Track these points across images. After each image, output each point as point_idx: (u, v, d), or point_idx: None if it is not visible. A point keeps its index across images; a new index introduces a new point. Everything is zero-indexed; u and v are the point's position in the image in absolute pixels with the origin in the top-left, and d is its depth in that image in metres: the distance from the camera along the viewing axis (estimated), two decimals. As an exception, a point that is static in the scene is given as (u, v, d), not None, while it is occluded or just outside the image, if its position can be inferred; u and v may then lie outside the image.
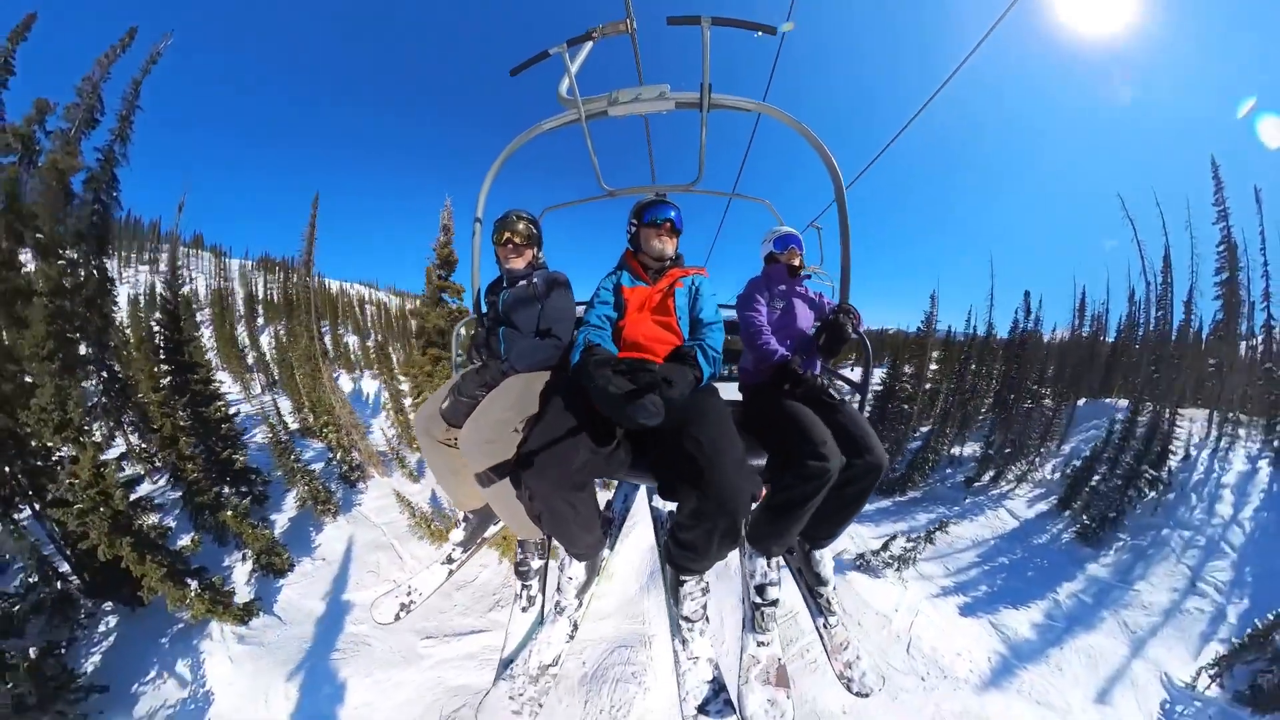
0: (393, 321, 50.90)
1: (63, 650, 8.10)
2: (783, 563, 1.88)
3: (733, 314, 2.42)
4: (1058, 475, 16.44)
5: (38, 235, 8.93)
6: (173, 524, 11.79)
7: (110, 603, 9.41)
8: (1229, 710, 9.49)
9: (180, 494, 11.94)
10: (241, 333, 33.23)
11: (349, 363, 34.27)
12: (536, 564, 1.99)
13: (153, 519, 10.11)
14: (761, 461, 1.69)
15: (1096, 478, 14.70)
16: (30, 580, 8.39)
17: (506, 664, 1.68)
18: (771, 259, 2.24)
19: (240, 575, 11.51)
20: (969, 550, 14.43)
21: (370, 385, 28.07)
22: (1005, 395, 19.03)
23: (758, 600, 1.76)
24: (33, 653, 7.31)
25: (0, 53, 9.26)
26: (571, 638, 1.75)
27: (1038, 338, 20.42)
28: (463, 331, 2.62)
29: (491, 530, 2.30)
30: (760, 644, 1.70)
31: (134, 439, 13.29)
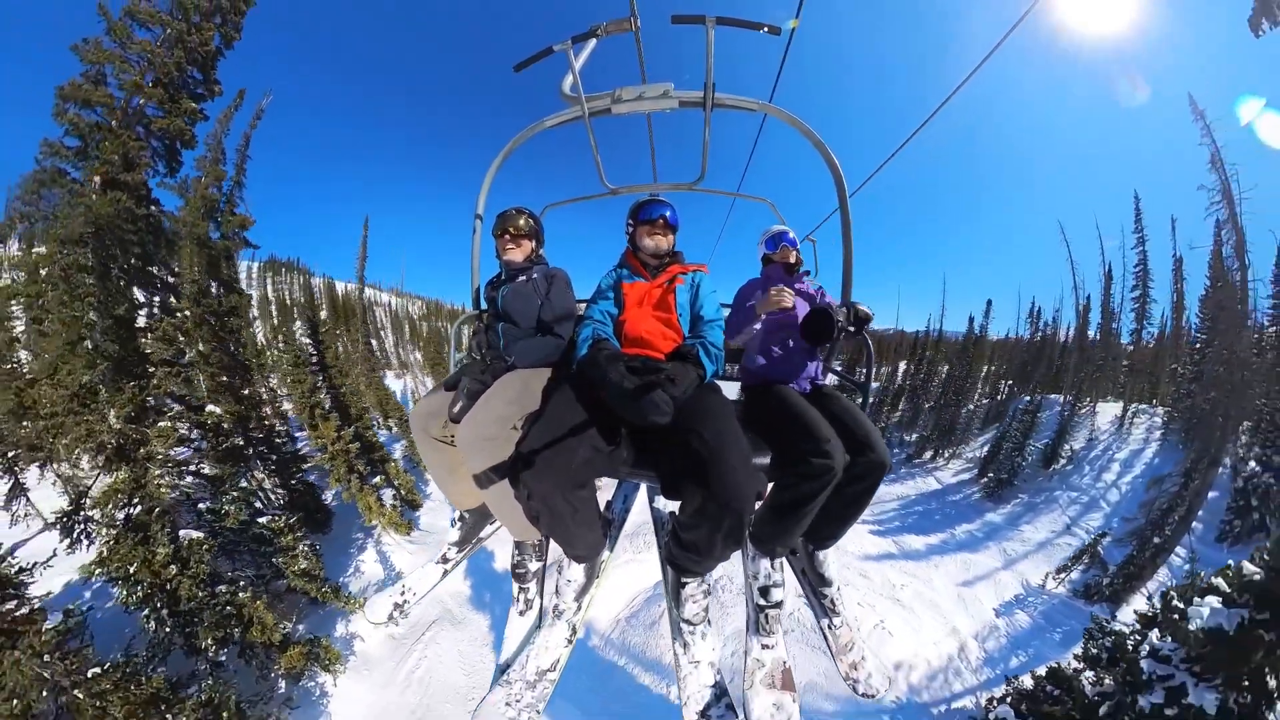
0: (401, 323, 50.58)
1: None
2: (786, 564, 1.86)
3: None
4: (983, 453, 20.84)
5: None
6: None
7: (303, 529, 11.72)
8: (1068, 601, 12.89)
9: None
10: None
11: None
12: (534, 566, 1.94)
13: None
14: (765, 460, 1.67)
15: (1002, 454, 18.95)
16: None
17: (503, 669, 1.63)
18: (767, 259, 2.24)
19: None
20: (893, 502, 18.75)
21: (395, 384, 29.59)
22: (948, 389, 23.71)
23: (761, 602, 1.73)
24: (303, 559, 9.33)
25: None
26: (570, 642, 1.70)
27: (985, 340, 25.22)
28: (464, 329, 2.59)
29: (487, 530, 2.25)
30: (765, 646, 1.67)
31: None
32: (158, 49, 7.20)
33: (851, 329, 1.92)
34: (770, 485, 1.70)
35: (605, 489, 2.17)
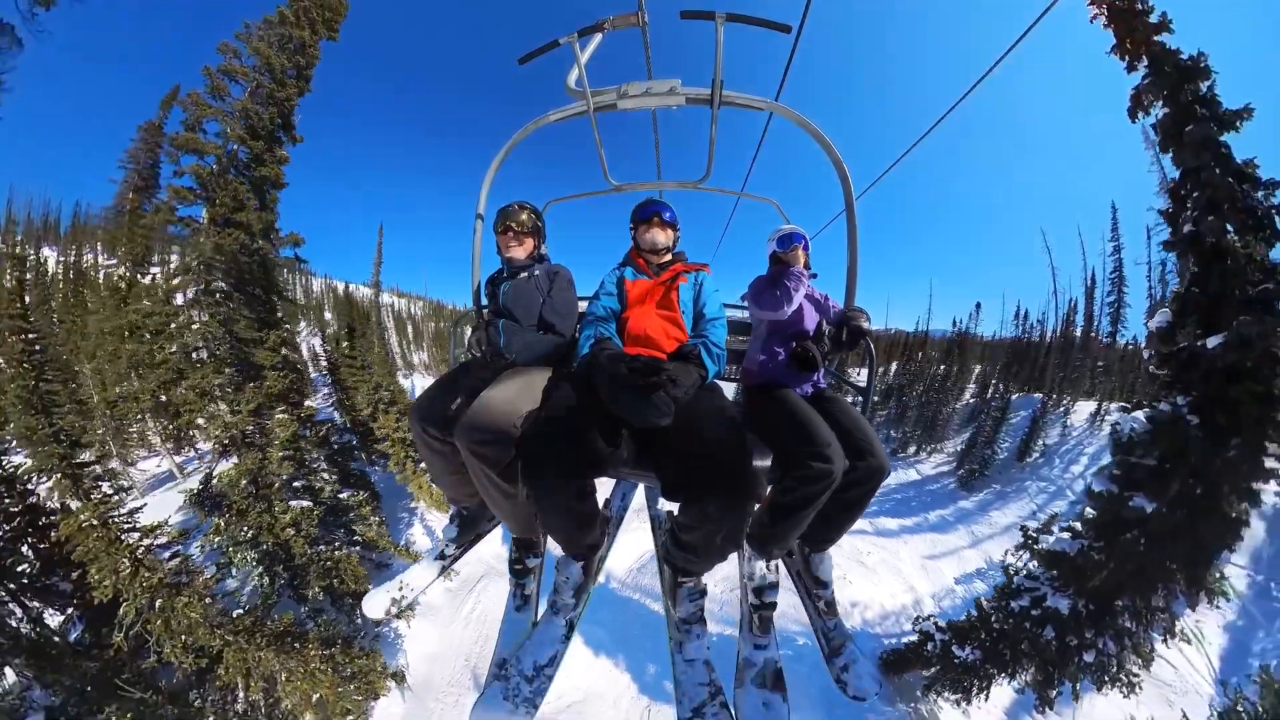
0: (404, 323, 50.50)
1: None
2: (781, 565, 1.87)
3: (735, 313, 2.40)
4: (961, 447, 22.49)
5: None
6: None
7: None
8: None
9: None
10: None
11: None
12: (532, 563, 1.96)
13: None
14: (765, 463, 1.68)
15: (976, 448, 20.42)
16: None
17: (501, 664, 1.65)
18: (775, 258, 2.22)
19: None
20: (872, 490, 20.29)
21: (403, 383, 30.55)
22: (929, 388, 25.52)
23: (756, 603, 1.75)
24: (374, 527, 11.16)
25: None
26: (568, 639, 1.72)
27: (969, 341, 27.08)
28: (467, 330, 2.58)
29: (486, 527, 2.26)
30: (758, 647, 1.69)
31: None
32: (253, 105, 8.34)
33: (844, 342, 1.96)
34: (769, 488, 1.71)
35: (603, 487, 2.18)
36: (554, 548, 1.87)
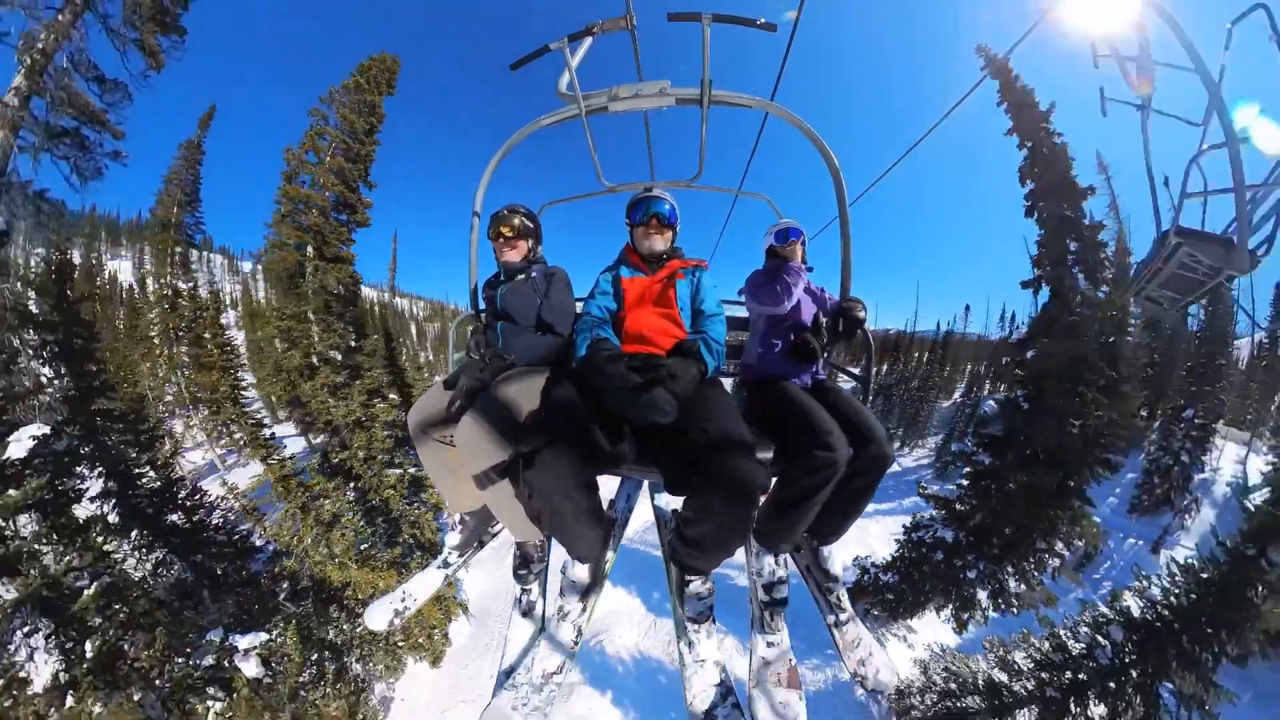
0: (407, 323, 50.41)
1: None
2: (790, 560, 1.85)
3: (733, 309, 2.40)
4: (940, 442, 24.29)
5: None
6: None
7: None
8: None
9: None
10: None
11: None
12: (536, 568, 1.92)
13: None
14: (768, 455, 1.66)
15: (952, 441, 22.67)
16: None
17: (508, 673, 1.60)
18: (773, 253, 2.23)
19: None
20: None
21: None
22: (909, 385, 27.16)
23: (766, 599, 1.72)
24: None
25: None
26: (576, 644, 1.68)
27: (952, 342, 28.79)
28: (466, 330, 2.57)
29: (488, 533, 2.23)
30: (770, 644, 1.65)
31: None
32: (343, 160, 10.52)
33: (841, 333, 1.97)
34: (774, 480, 1.69)
35: (606, 489, 2.16)
36: (559, 551, 1.84)
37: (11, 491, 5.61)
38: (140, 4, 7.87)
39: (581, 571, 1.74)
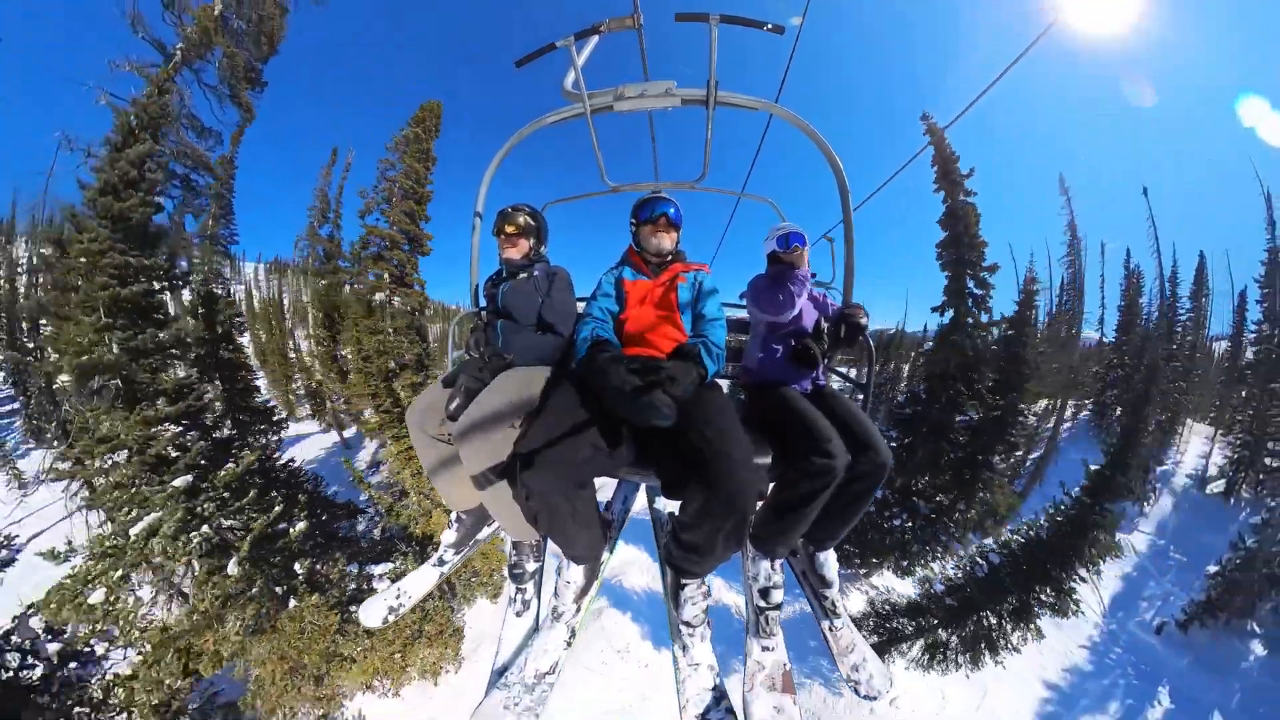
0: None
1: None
2: (786, 565, 1.84)
3: (733, 312, 2.39)
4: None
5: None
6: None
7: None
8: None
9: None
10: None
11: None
12: (532, 567, 1.91)
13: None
14: (766, 460, 1.66)
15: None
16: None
17: (501, 672, 1.60)
18: (774, 258, 2.19)
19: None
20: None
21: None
22: (894, 385, 28.37)
23: (761, 604, 1.71)
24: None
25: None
26: (569, 645, 1.67)
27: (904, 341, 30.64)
28: (466, 328, 2.56)
29: (485, 532, 2.22)
30: (765, 649, 1.65)
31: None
32: (407, 201, 12.61)
33: (843, 339, 1.95)
34: (771, 485, 1.69)
35: (603, 491, 2.15)
36: (554, 551, 1.83)
37: (230, 465, 9.24)
38: (235, 64, 10.16)
39: (577, 573, 1.73)
